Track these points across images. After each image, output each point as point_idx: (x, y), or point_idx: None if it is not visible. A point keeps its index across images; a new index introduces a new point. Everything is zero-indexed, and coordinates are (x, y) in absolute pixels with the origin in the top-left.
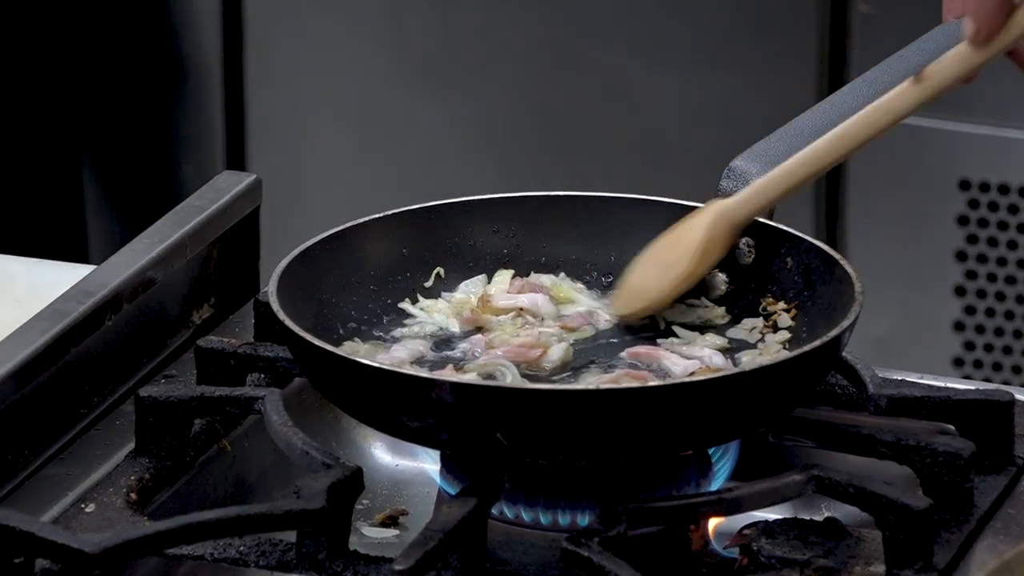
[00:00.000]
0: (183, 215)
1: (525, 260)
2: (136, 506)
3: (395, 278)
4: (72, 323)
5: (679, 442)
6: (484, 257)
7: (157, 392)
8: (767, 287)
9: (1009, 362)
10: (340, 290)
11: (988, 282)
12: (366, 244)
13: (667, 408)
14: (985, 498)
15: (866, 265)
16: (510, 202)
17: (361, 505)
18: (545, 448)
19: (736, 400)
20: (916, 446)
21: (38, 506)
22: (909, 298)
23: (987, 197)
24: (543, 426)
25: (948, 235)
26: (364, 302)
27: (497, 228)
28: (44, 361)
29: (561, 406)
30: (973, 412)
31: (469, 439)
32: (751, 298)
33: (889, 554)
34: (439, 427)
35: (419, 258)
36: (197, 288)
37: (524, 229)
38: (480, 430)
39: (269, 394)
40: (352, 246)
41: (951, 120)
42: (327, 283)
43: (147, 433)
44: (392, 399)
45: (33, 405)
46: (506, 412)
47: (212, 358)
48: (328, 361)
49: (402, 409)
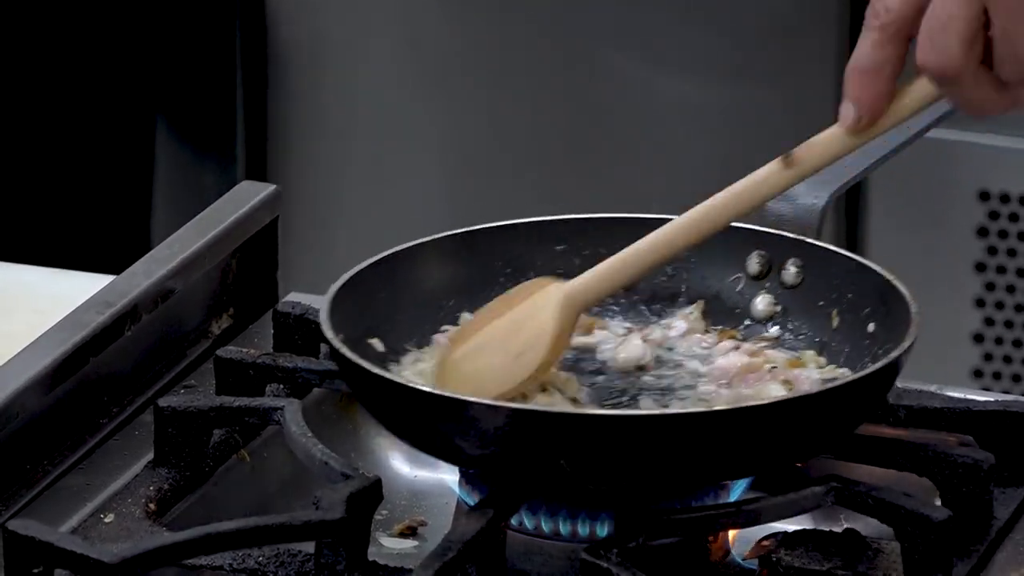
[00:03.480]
0: (202, 225)
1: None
2: (155, 516)
3: (444, 301)
4: (91, 333)
5: (737, 467)
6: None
7: (176, 402)
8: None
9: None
10: (392, 313)
11: (1007, 293)
12: (417, 267)
13: (730, 432)
14: (1005, 509)
15: None
16: (566, 223)
17: (380, 515)
18: (607, 474)
19: (800, 423)
20: (935, 457)
21: (57, 516)
22: (928, 309)
23: (1007, 208)
24: (608, 452)
25: (967, 246)
26: (417, 324)
27: (558, 246)
28: (63, 371)
29: (634, 431)
30: (993, 423)
31: (530, 466)
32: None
33: (908, 566)
34: (498, 454)
35: (468, 280)
36: (216, 298)
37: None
38: (543, 457)
39: (288, 405)
40: (404, 268)
41: (971, 131)
42: (377, 307)
43: (166, 443)
44: (452, 426)
45: (52, 415)
46: (571, 438)
47: (231, 368)
48: (385, 388)
49: (462, 436)
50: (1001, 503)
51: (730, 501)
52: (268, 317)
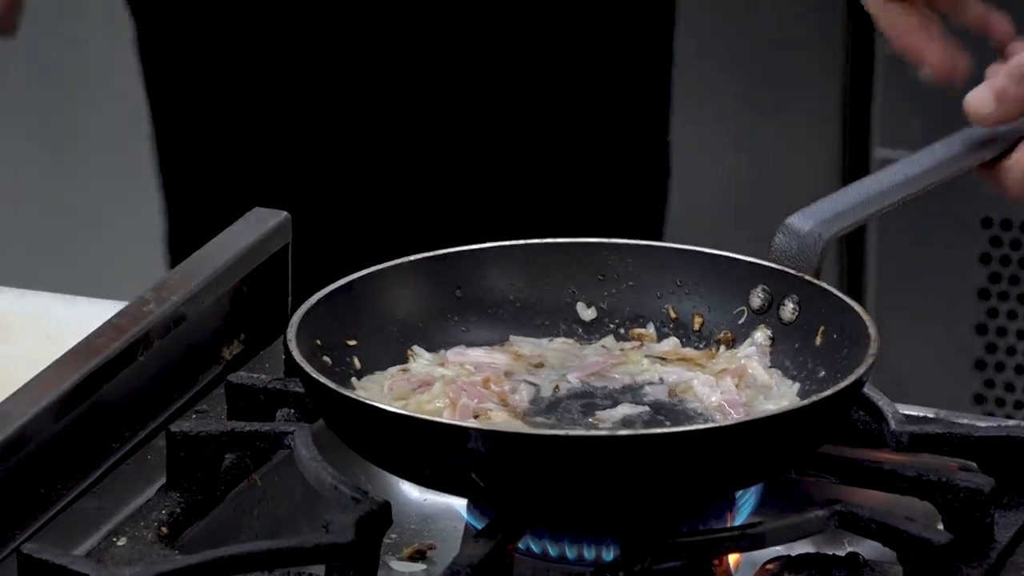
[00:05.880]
0: (214, 252)
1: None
2: (167, 540)
3: (412, 325)
4: (105, 359)
5: (702, 487)
6: (501, 304)
7: (188, 427)
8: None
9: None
10: (360, 336)
11: (1009, 320)
12: (381, 291)
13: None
14: (1005, 533)
15: (889, 302)
16: (524, 249)
17: (389, 539)
18: (564, 496)
19: (747, 448)
20: (937, 482)
21: (71, 539)
22: (931, 335)
23: (1009, 235)
24: (562, 473)
25: (970, 273)
26: (384, 347)
27: (511, 278)
28: (77, 397)
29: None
30: (994, 449)
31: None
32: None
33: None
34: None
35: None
36: (227, 324)
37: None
38: (502, 476)
39: (299, 429)
40: (370, 293)
41: None
42: (344, 329)
43: (178, 468)
44: (418, 448)
45: (66, 440)
46: (509, 457)
47: (242, 393)
48: (352, 409)
49: (429, 458)
50: (1002, 527)
51: (735, 525)
52: (279, 343)
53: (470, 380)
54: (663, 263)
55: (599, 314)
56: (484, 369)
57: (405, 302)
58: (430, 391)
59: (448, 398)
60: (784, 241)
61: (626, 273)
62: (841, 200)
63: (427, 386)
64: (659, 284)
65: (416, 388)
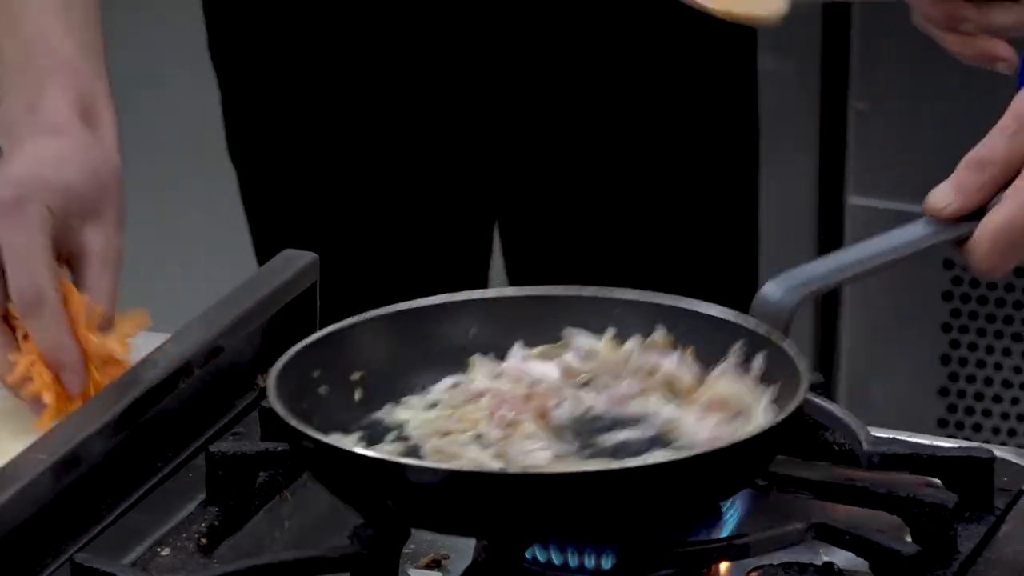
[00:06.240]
0: (248, 289)
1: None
2: (206, 550)
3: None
4: (149, 386)
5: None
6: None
7: (225, 448)
8: None
9: (989, 423)
10: (335, 387)
11: (970, 351)
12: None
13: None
14: (967, 544)
15: (861, 337)
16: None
17: (408, 550)
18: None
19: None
20: (905, 498)
21: (119, 550)
22: (899, 366)
23: (968, 275)
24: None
25: (934, 309)
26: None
27: (472, 327)
28: (125, 420)
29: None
30: (956, 468)
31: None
32: None
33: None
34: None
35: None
36: (261, 355)
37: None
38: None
39: None
40: (343, 345)
41: None
42: (322, 380)
43: (216, 485)
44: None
45: (116, 459)
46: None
47: (275, 417)
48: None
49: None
50: (964, 538)
51: (722, 536)
52: None
53: (513, 393)
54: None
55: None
56: (535, 385)
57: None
58: (477, 403)
59: (489, 409)
60: (758, 305)
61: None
62: (817, 267)
63: (479, 397)
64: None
65: (469, 400)
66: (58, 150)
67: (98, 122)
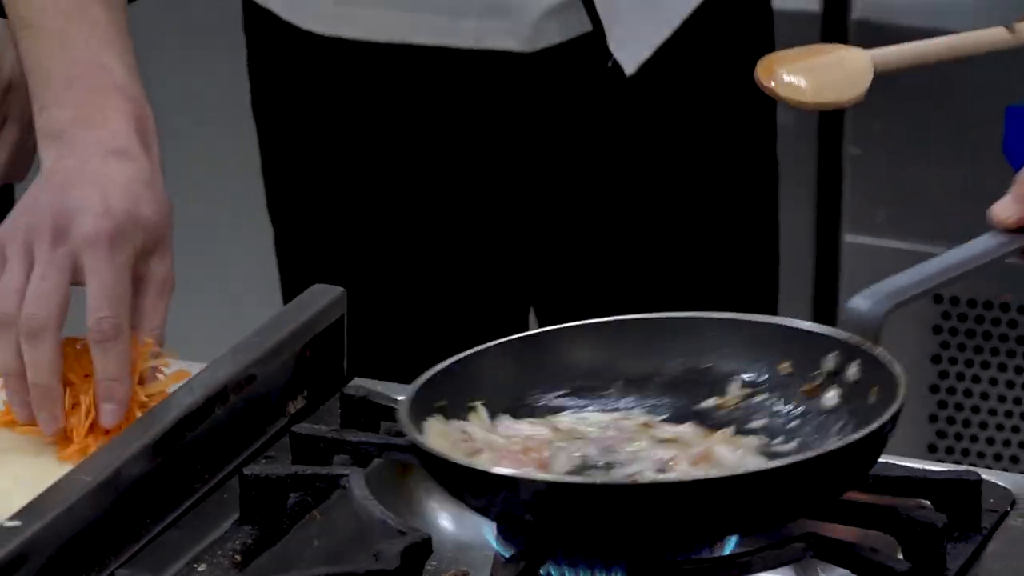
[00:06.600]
0: (281, 321)
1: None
2: (240, 566)
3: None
4: (186, 412)
5: (739, 526)
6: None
7: (259, 470)
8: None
9: (975, 448)
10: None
11: (957, 381)
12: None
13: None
14: (956, 561)
15: None
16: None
17: (430, 566)
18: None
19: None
20: (898, 518)
21: (158, 566)
22: None
23: (956, 310)
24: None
25: (925, 342)
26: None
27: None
28: (164, 444)
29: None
30: (946, 490)
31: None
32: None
33: None
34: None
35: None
36: (292, 383)
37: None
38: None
39: (353, 473)
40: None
41: (926, 244)
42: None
43: (250, 505)
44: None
45: (155, 480)
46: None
47: (305, 442)
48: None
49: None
50: (953, 556)
51: (725, 554)
52: (336, 399)
53: (511, 449)
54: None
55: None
56: (529, 441)
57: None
58: (480, 456)
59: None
60: (848, 319)
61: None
62: (896, 282)
63: (479, 453)
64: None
65: (472, 454)
66: (133, 177)
67: (151, 150)
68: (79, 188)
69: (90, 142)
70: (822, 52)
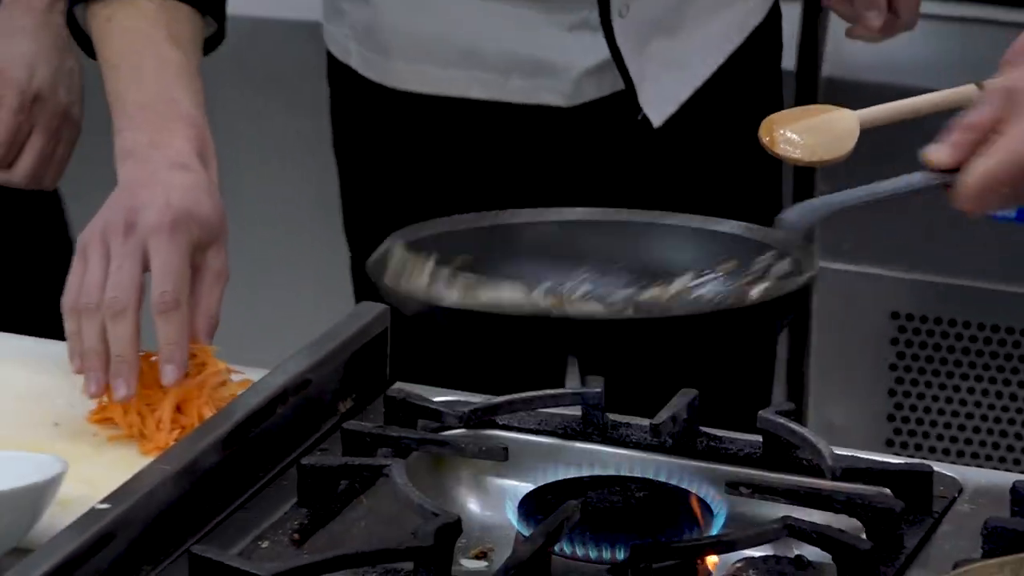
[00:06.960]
0: (333, 334)
1: None
2: (298, 544)
3: None
4: (252, 411)
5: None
6: None
7: (314, 461)
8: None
9: (927, 443)
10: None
11: (912, 386)
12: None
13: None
14: (912, 540)
15: (825, 374)
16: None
17: (460, 543)
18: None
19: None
20: (862, 503)
21: (228, 543)
22: (856, 398)
23: (911, 324)
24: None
25: (884, 352)
26: None
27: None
28: (232, 438)
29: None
30: (902, 479)
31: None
32: None
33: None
34: None
35: None
36: (342, 386)
37: None
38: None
39: (394, 463)
40: None
41: (884, 267)
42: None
43: (306, 491)
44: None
45: (225, 469)
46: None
47: (353, 437)
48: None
49: None
50: (909, 536)
51: (712, 534)
52: (380, 400)
53: None
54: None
55: None
56: None
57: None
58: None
59: None
60: (779, 226)
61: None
62: (824, 199)
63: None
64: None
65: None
66: (192, 184)
67: (209, 166)
68: (146, 191)
69: (157, 158)
70: (814, 113)
